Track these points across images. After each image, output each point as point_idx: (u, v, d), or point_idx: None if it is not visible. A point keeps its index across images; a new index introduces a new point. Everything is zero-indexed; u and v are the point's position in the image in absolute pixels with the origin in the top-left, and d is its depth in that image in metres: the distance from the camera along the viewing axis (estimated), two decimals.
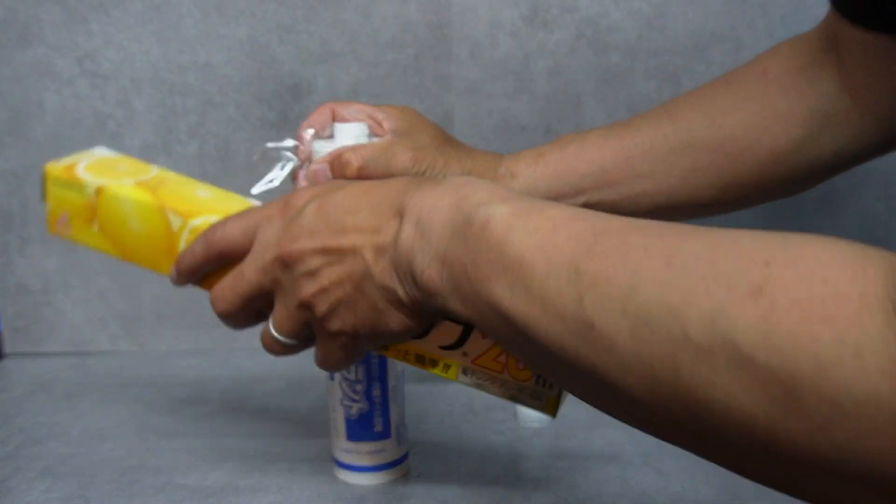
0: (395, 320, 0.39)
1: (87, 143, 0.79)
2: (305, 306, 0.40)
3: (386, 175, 0.50)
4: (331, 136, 0.54)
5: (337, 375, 0.55)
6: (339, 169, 0.51)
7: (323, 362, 0.44)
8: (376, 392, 0.55)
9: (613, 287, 0.28)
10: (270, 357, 0.46)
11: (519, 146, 0.78)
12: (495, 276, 0.32)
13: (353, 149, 0.51)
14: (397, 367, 0.56)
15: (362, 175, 0.50)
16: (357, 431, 0.55)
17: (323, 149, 0.52)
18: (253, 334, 0.86)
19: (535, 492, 0.55)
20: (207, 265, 0.45)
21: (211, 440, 0.64)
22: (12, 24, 0.76)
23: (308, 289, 0.40)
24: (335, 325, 0.40)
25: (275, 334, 0.43)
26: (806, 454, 0.24)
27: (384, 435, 0.56)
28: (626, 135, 0.56)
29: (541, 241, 0.31)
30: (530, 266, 0.31)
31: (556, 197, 0.55)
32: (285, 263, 0.40)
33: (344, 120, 0.54)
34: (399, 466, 0.57)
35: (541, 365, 0.34)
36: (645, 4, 0.75)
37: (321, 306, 0.40)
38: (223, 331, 0.83)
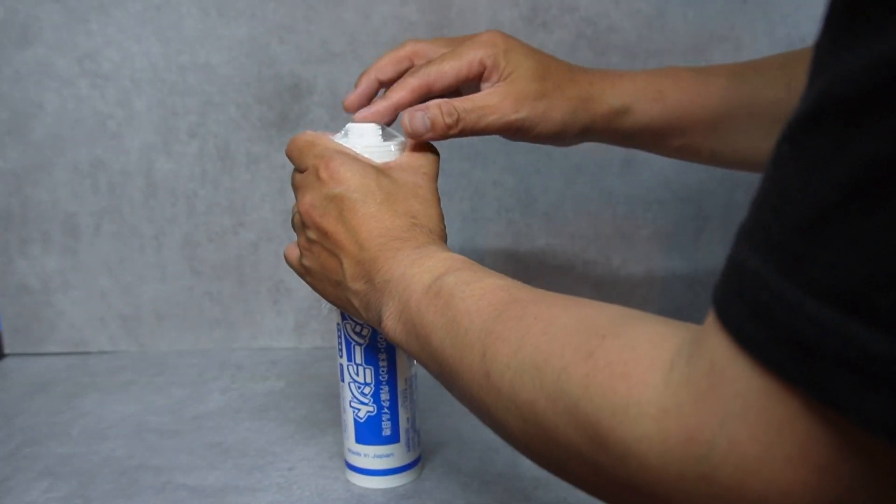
0: (348, 307, 0.48)
1: (87, 143, 0.79)
2: (299, 245, 0.50)
3: (483, 129, 0.53)
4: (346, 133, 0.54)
5: (346, 376, 0.55)
6: (442, 124, 0.51)
7: (286, 257, 0.53)
8: (385, 396, 0.54)
9: (505, 346, 0.36)
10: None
11: (519, 146, 0.78)
12: (434, 332, 0.40)
13: (458, 102, 0.52)
14: (408, 372, 0.55)
15: (463, 130, 0.53)
16: (365, 434, 0.55)
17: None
18: (251, 335, 0.86)
19: (535, 492, 0.55)
20: None
21: (211, 440, 0.64)
22: (12, 24, 0.76)
23: (304, 243, 0.49)
24: (307, 262, 0.49)
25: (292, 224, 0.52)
26: (616, 479, 0.30)
27: (393, 439, 0.55)
28: (744, 89, 0.56)
29: (469, 305, 0.39)
30: (457, 324, 0.39)
31: (668, 133, 0.57)
32: (302, 218, 0.49)
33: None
34: (409, 471, 0.57)
35: (461, 401, 0.41)
36: (645, 4, 0.75)
37: (305, 256, 0.49)
38: (223, 331, 0.83)
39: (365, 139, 0.51)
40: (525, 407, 0.34)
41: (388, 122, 0.53)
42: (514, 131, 0.53)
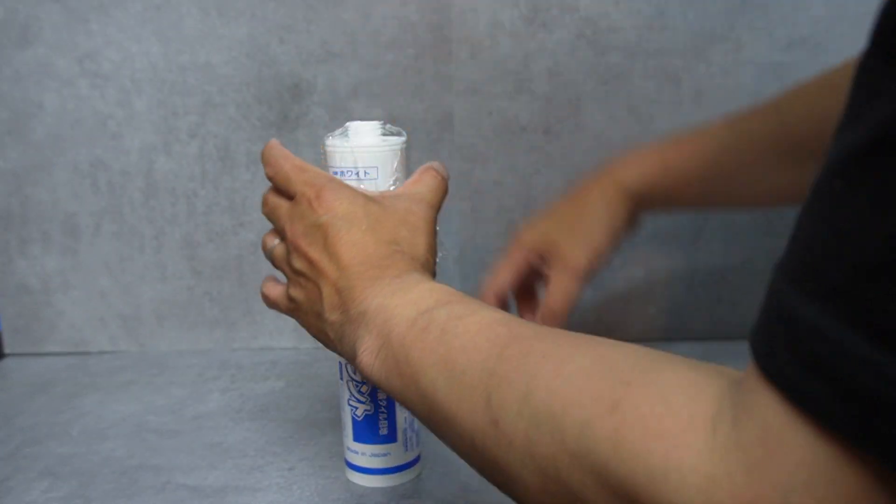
0: (327, 342, 0.47)
1: (87, 142, 0.79)
2: (287, 277, 0.49)
3: (577, 294, 0.63)
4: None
5: (344, 374, 0.55)
6: (555, 320, 0.62)
7: (265, 296, 0.52)
8: (382, 395, 0.54)
9: (513, 390, 0.32)
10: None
11: (519, 146, 0.78)
12: (423, 371, 0.37)
13: (548, 307, 0.62)
14: None
15: (567, 310, 0.63)
16: (363, 433, 0.55)
17: (337, 146, 0.51)
18: (251, 335, 0.86)
19: None
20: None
21: (211, 440, 0.64)
22: (12, 24, 0.76)
23: (291, 273, 0.48)
24: (295, 293, 0.48)
25: (270, 260, 0.52)
26: None
27: (390, 439, 0.55)
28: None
29: (465, 342, 0.36)
30: (452, 363, 0.36)
31: (705, 193, 0.65)
32: (290, 247, 0.47)
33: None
34: (406, 471, 0.57)
35: (456, 449, 0.38)
36: (645, 4, 0.75)
37: (292, 288, 0.48)
38: (223, 331, 0.83)
39: (365, 138, 0.51)
40: (544, 462, 0.30)
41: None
42: (590, 272, 0.63)
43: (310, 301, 0.46)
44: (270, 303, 0.51)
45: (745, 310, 0.82)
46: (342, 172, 0.51)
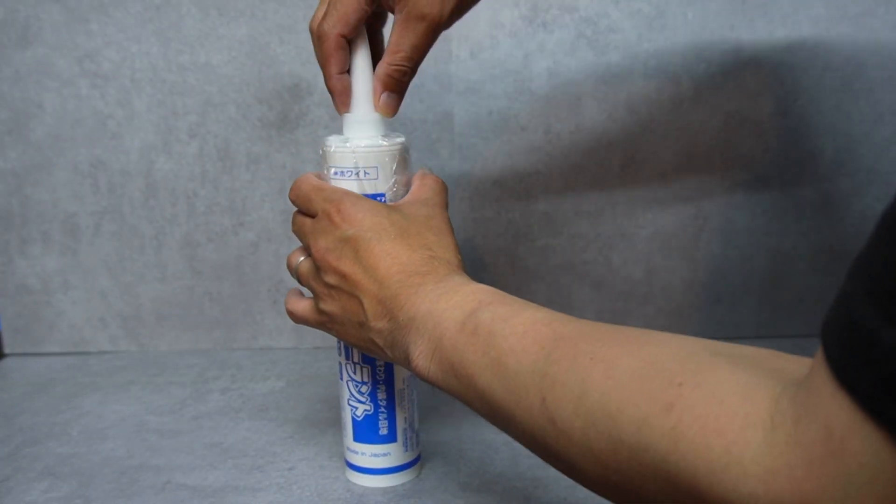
0: (372, 349, 0.47)
1: (87, 142, 0.79)
2: (315, 294, 0.49)
3: (425, 47, 0.50)
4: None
5: (344, 374, 0.55)
6: (402, 82, 0.50)
7: (293, 312, 0.52)
8: (382, 395, 0.54)
9: (567, 391, 0.34)
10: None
11: (519, 146, 0.78)
12: (478, 372, 0.39)
13: (392, 64, 0.49)
14: (407, 371, 0.55)
15: (416, 66, 0.50)
16: (363, 433, 0.55)
17: (337, 146, 0.51)
18: (251, 335, 0.86)
19: (535, 492, 0.55)
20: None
21: (211, 440, 0.64)
22: (12, 24, 0.77)
23: (322, 288, 0.48)
24: (327, 306, 0.48)
25: (296, 277, 0.52)
26: None
27: (390, 438, 0.55)
28: None
29: (513, 344, 0.38)
30: (504, 365, 0.38)
31: None
32: (318, 263, 0.48)
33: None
34: (407, 471, 0.56)
35: (519, 441, 0.40)
36: (645, 4, 0.75)
37: (324, 301, 0.48)
38: (223, 331, 0.83)
39: (365, 139, 0.51)
40: (604, 455, 0.33)
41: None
42: (446, 28, 0.50)
43: (348, 312, 0.47)
44: (297, 318, 0.52)
45: (745, 310, 0.82)
46: (342, 173, 0.51)
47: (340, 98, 0.51)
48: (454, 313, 0.42)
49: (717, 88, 0.77)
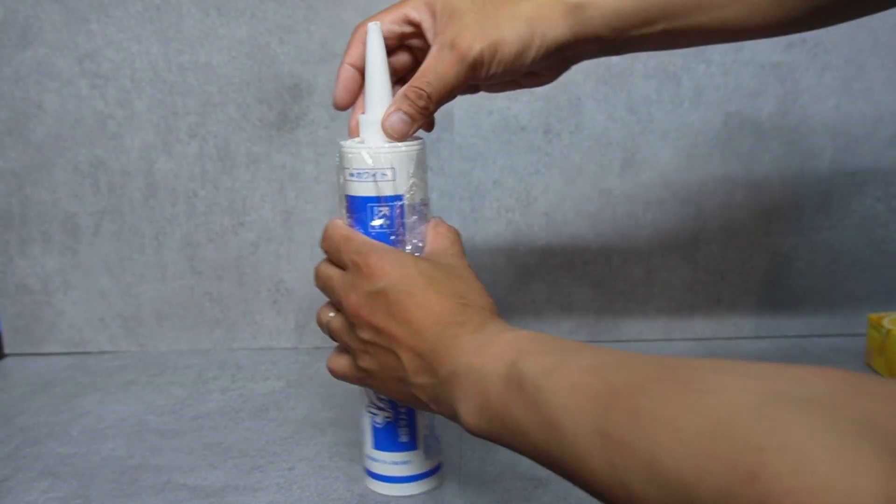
0: (416, 404, 0.46)
1: (87, 142, 0.79)
2: (351, 350, 0.49)
3: (453, 86, 0.49)
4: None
5: None
6: (418, 110, 0.49)
7: (333, 370, 0.51)
8: None
9: (636, 457, 0.32)
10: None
11: (519, 146, 0.78)
12: (532, 430, 0.37)
13: (416, 79, 0.49)
14: None
15: (439, 100, 0.49)
16: (383, 441, 0.54)
17: (354, 148, 0.49)
18: (251, 335, 0.86)
19: (535, 491, 0.55)
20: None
21: (211, 440, 0.64)
22: (12, 24, 0.77)
23: (357, 344, 0.48)
24: (365, 363, 0.47)
25: (328, 333, 0.51)
26: None
27: (410, 446, 0.54)
28: None
29: (564, 400, 0.36)
30: (560, 424, 0.35)
31: (630, 26, 0.50)
32: (351, 319, 0.47)
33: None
34: (428, 479, 0.55)
35: (587, 492, 0.37)
36: None
37: (361, 358, 0.48)
38: (223, 331, 0.83)
39: (381, 140, 0.50)
40: None
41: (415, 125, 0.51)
42: (479, 70, 0.48)
43: (386, 368, 0.46)
44: (338, 375, 0.51)
45: (745, 310, 0.82)
46: (358, 174, 0.49)
47: (339, 84, 0.52)
48: (496, 366, 0.40)
49: (717, 88, 0.77)
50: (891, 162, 0.79)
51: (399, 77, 0.53)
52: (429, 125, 0.53)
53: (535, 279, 0.81)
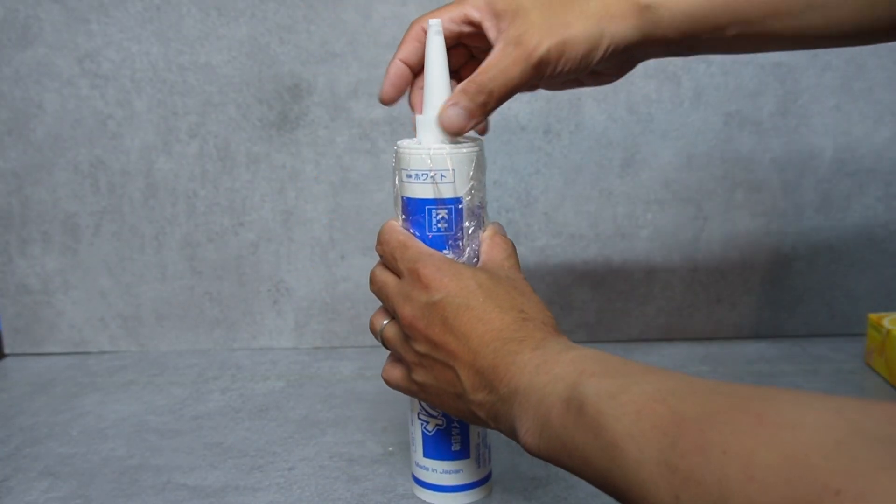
0: (474, 420, 0.45)
1: (87, 142, 0.79)
2: (406, 362, 0.48)
3: (516, 84, 0.46)
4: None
5: None
6: (477, 106, 0.47)
7: (388, 380, 0.50)
8: None
9: (705, 493, 0.30)
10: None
11: (519, 146, 0.78)
12: (593, 455, 0.36)
13: (478, 74, 0.46)
14: None
15: (500, 98, 0.47)
16: (434, 449, 0.52)
17: (412, 149, 0.48)
18: (251, 335, 0.86)
19: (535, 492, 0.55)
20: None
21: (211, 440, 0.64)
22: (12, 24, 0.77)
23: (413, 357, 0.46)
24: (420, 377, 0.46)
25: (381, 341, 0.50)
26: None
27: (462, 455, 0.52)
28: None
29: (629, 427, 0.34)
30: (623, 451, 0.34)
31: (700, 30, 0.49)
32: (407, 331, 0.46)
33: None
34: (478, 489, 0.53)
35: None
36: None
37: (416, 371, 0.46)
38: (223, 331, 0.83)
39: (442, 142, 0.48)
40: None
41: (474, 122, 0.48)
42: (544, 69, 0.46)
43: (442, 383, 0.45)
44: (392, 385, 0.50)
45: (745, 310, 0.82)
46: (416, 176, 0.48)
47: (387, 79, 0.50)
48: (557, 387, 0.38)
49: (717, 88, 0.77)
50: (891, 162, 0.79)
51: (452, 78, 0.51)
52: (483, 127, 0.51)
53: (535, 279, 0.81)
